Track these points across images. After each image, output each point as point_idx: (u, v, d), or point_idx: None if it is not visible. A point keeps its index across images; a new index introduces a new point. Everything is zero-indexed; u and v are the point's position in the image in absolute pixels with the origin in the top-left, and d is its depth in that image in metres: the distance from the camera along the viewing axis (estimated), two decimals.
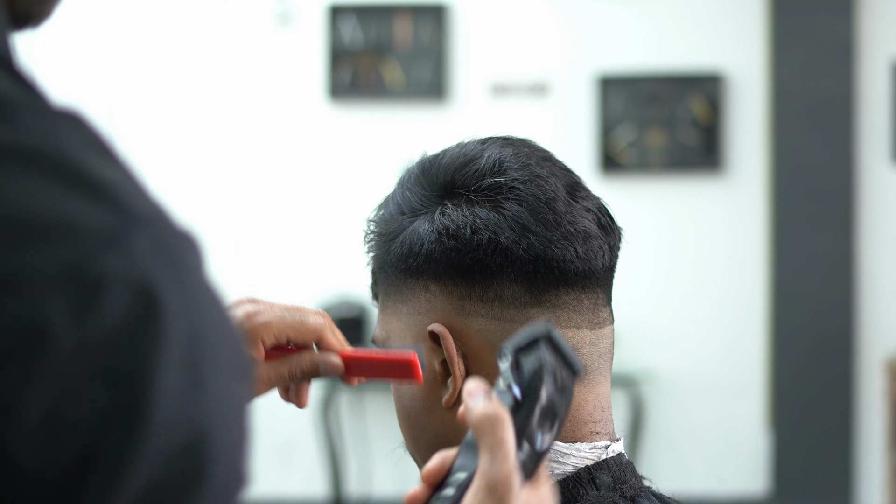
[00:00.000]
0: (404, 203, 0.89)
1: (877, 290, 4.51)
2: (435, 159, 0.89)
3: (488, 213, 0.83)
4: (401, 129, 4.61)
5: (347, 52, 4.64)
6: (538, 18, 4.64)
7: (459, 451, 0.66)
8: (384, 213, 0.91)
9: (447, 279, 0.84)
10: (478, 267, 0.83)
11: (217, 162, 4.69)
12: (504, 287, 0.83)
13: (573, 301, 0.84)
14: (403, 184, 0.90)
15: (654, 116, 4.61)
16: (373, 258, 0.92)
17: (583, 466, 0.83)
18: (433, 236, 0.84)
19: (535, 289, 0.83)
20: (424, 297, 0.86)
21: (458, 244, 0.83)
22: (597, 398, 0.85)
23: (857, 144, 4.49)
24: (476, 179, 0.85)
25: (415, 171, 0.90)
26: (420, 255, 0.85)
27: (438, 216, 0.85)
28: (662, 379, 4.56)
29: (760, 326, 4.59)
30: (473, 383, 0.66)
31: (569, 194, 0.85)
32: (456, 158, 0.87)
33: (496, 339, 0.83)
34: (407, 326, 0.87)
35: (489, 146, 0.88)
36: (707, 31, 4.63)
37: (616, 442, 0.86)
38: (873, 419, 4.46)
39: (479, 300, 0.84)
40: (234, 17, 4.69)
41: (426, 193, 0.87)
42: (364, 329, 4.44)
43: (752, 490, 4.56)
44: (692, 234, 4.60)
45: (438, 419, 0.86)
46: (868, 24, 4.51)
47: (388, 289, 0.89)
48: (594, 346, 0.86)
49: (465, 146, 0.89)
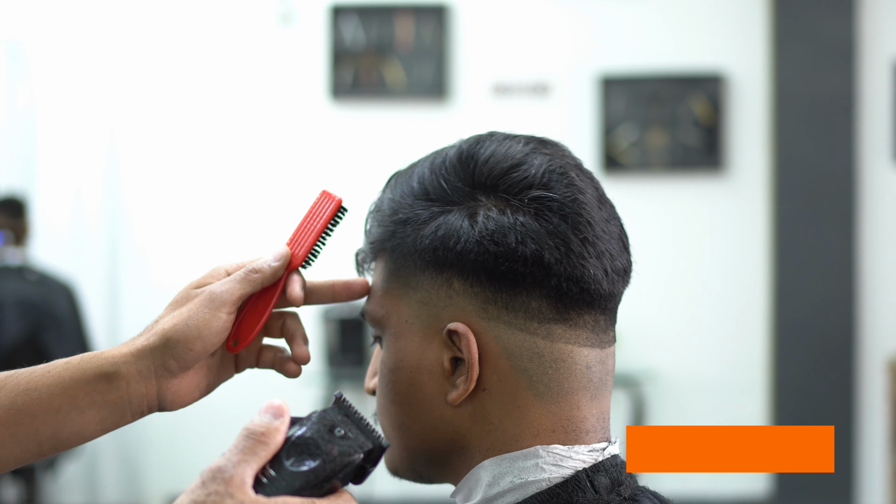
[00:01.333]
0: (434, 190, 0.86)
1: (878, 289, 4.51)
2: (474, 153, 0.87)
3: (533, 224, 0.82)
4: (402, 129, 4.61)
5: (349, 52, 4.64)
6: (539, 18, 4.65)
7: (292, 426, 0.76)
8: (404, 191, 0.89)
9: (474, 279, 0.83)
10: (511, 275, 0.82)
11: (218, 162, 4.69)
12: (532, 299, 0.83)
13: (591, 321, 0.85)
14: (435, 169, 0.88)
15: (655, 116, 4.62)
16: (381, 235, 0.90)
17: (581, 469, 0.83)
18: (473, 236, 0.82)
19: (561, 306, 0.83)
20: (445, 292, 0.85)
21: (499, 250, 0.82)
22: (600, 412, 0.87)
23: (858, 144, 4.49)
24: (523, 188, 0.84)
25: (452, 159, 0.87)
26: (453, 250, 0.83)
27: (483, 218, 0.83)
28: (664, 379, 4.56)
29: (762, 326, 4.59)
30: (278, 404, 0.74)
31: (598, 209, 0.86)
32: (501, 160, 0.85)
33: (514, 348, 0.83)
34: (416, 314, 0.86)
35: (533, 151, 0.86)
36: (708, 31, 4.63)
37: (612, 444, 0.87)
38: (874, 419, 4.46)
39: (503, 307, 0.83)
40: (235, 17, 4.69)
41: (461, 187, 0.85)
42: (365, 330, 4.44)
43: (753, 490, 4.57)
44: (694, 234, 4.60)
45: (438, 413, 0.85)
46: (869, 24, 4.51)
47: (400, 271, 0.88)
48: (603, 365, 0.86)
49: (507, 146, 0.87)
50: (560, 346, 0.84)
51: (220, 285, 0.90)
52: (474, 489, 0.86)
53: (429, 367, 0.85)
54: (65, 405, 0.85)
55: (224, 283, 0.90)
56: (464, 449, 0.86)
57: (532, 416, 0.84)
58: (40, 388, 0.84)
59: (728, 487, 4.56)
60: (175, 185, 4.71)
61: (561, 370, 0.84)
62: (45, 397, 0.84)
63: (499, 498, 0.84)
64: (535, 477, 0.83)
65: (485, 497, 0.84)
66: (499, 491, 0.84)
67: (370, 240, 0.92)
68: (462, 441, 0.86)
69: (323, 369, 4.48)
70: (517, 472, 0.83)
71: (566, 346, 0.84)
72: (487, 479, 0.84)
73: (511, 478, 0.83)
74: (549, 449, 0.83)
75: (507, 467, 0.83)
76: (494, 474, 0.84)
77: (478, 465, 0.85)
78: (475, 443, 0.85)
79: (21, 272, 3.99)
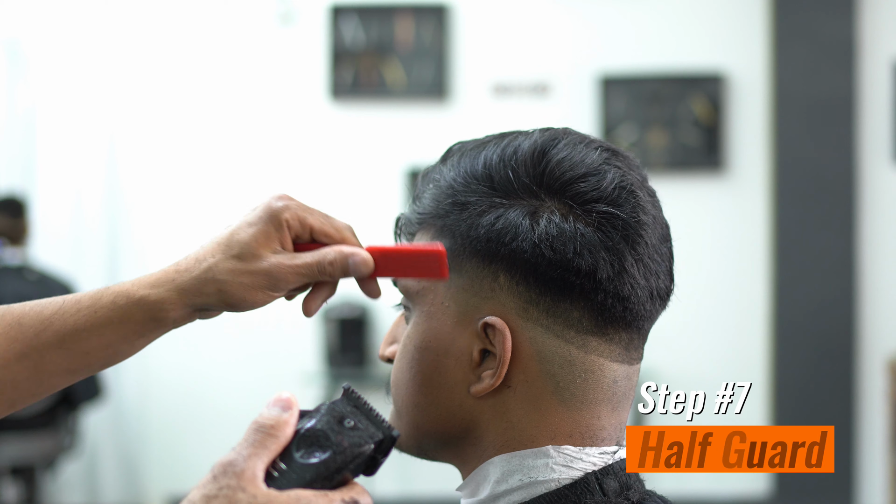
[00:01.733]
0: (500, 180, 0.84)
1: (878, 289, 4.51)
2: (547, 152, 0.85)
3: (593, 237, 0.81)
4: (402, 130, 4.61)
5: (349, 52, 4.64)
6: (539, 18, 4.65)
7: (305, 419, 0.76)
8: (468, 172, 0.86)
9: (521, 278, 0.82)
10: (560, 283, 0.82)
11: (218, 161, 4.69)
12: (575, 309, 0.82)
13: (626, 338, 0.85)
14: (506, 158, 0.85)
15: (655, 116, 4.62)
16: (434, 210, 0.87)
17: (590, 471, 0.83)
18: (532, 237, 0.81)
19: (601, 320, 0.83)
20: (489, 284, 0.83)
21: (555, 257, 0.81)
22: (619, 423, 0.87)
23: (858, 144, 4.49)
24: (591, 199, 0.83)
25: (525, 153, 0.85)
26: (507, 245, 0.82)
27: (545, 222, 0.82)
28: (664, 379, 4.56)
29: (762, 326, 4.59)
30: (286, 397, 0.75)
31: (656, 230, 0.86)
32: (575, 166, 0.84)
33: (547, 352, 0.83)
34: (454, 298, 0.85)
35: (606, 163, 0.85)
36: (708, 31, 4.63)
37: (622, 448, 0.87)
38: (874, 419, 4.46)
39: (544, 311, 0.82)
40: (236, 17, 4.69)
41: (528, 184, 0.84)
42: (365, 330, 4.44)
43: (754, 490, 4.57)
44: (694, 234, 4.60)
45: (457, 401, 0.85)
46: (869, 24, 4.51)
47: (446, 251, 0.86)
48: (628, 381, 0.88)
49: (583, 153, 0.85)
50: (593, 357, 0.84)
51: (284, 271, 0.86)
52: (482, 484, 0.85)
53: (457, 354, 0.84)
54: (115, 341, 0.87)
55: (288, 271, 0.86)
56: (478, 440, 0.86)
57: (552, 420, 0.84)
58: (81, 330, 0.86)
59: (728, 487, 4.56)
60: (175, 184, 4.71)
61: (589, 381, 0.84)
62: (93, 336, 0.86)
63: (506, 495, 0.84)
64: (544, 477, 0.83)
65: (492, 493, 0.84)
66: (507, 488, 0.84)
67: (420, 210, 0.89)
68: (477, 432, 0.85)
69: (323, 369, 4.48)
70: (526, 471, 0.83)
71: (598, 358, 0.84)
72: (496, 476, 0.84)
73: (520, 476, 0.83)
74: (560, 449, 0.83)
75: (517, 465, 0.83)
76: (503, 471, 0.84)
77: (488, 460, 0.85)
78: (490, 437, 0.85)
79: (21, 272, 3.99)
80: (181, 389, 4.65)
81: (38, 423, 3.86)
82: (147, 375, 4.66)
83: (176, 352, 4.59)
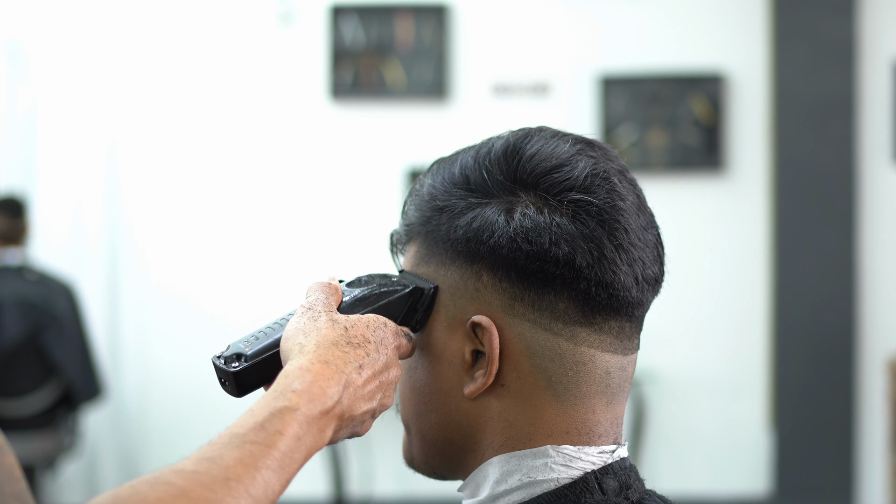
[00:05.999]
0: (475, 180, 0.86)
1: (878, 289, 4.51)
2: (520, 148, 0.86)
3: (569, 226, 0.82)
4: (402, 129, 4.61)
5: (349, 52, 4.65)
6: (540, 18, 4.65)
7: None
8: (445, 178, 0.88)
9: (503, 275, 0.83)
10: (541, 275, 0.82)
11: (218, 161, 4.69)
12: (559, 300, 0.82)
13: (617, 327, 0.85)
14: (479, 159, 0.87)
15: (655, 116, 4.62)
16: (417, 219, 0.90)
17: (590, 471, 0.83)
18: (507, 232, 0.82)
19: (588, 309, 0.83)
20: (473, 284, 0.84)
21: (531, 249, 0.81)
22: (615, 417, 0.87)
23: (857, 144, 4.49)
24: (563, 189, 0.83)
25: (497, 151, 0.86)
26: (486, 243, 0.83)
27: (519, 216, 0.82)
28: (664, 379, 4.56)
29: (762, 326, 4.59)
30: (328, 280, 0.90)
31: (637, 216, 0.85)
32: (546, 158, 0.84)
33: (536, 346, 0.83)
34: (442, 303, 0.86)
35: (579, 153, 0.85)
36: (708, 31, 4.63)
37: (621, 446, 0.87)
38: (874, 419, 4.46)
39: (530, 305, 0.82)
40: (236, 17, 4.69)
41: (502, 181, 0.84)
42: None
43: (754, 490, 4.57)
44: (694, 234, 4.60)
45: (454, 404, 0.86)
46: (869, 24, 4.51)
47: (431, 257, 0.88)
48: (623, 371, 0.86)
49: (554, 145, 0.86)
50: (583, 349, 0.83)
51: None
52: (481, 485, 0.86)
53: (450, 358, 0.85)
54: None
55: None
56: (476, 444, 0.86)
57: (547, 416, 0.84)
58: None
59: (728, 487, 4.56)
60: (175, 184, 4.71)
61: (581, 373, 0.84)
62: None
63: (506, 495, 0.84)
64: (543, 476, 0.83)
65: (491, 494, 0.84)
66: (506, 488, 0.84)
67: (406, 222, 0.92)
68: (476, 436, 0.86)
69: None
70: (526, 471, 0.83)
71: (589, 349, 0.84)
72: (495, 476, 0.84)
73: (519, 476, 0.83)
74: (559, 449, 0.83)
75: (516, 465, 0.83)
76: (503, 471, 0.84)
77: (487, 460, 0.85)
78: (488, 439, 0.85)
79: (21, 272, 3.99)
80: (181, 389, 4.65)
81: (38, 423, 3.86)
82: (147, 375, 4.66)
83: (176, 352, 4.59)
